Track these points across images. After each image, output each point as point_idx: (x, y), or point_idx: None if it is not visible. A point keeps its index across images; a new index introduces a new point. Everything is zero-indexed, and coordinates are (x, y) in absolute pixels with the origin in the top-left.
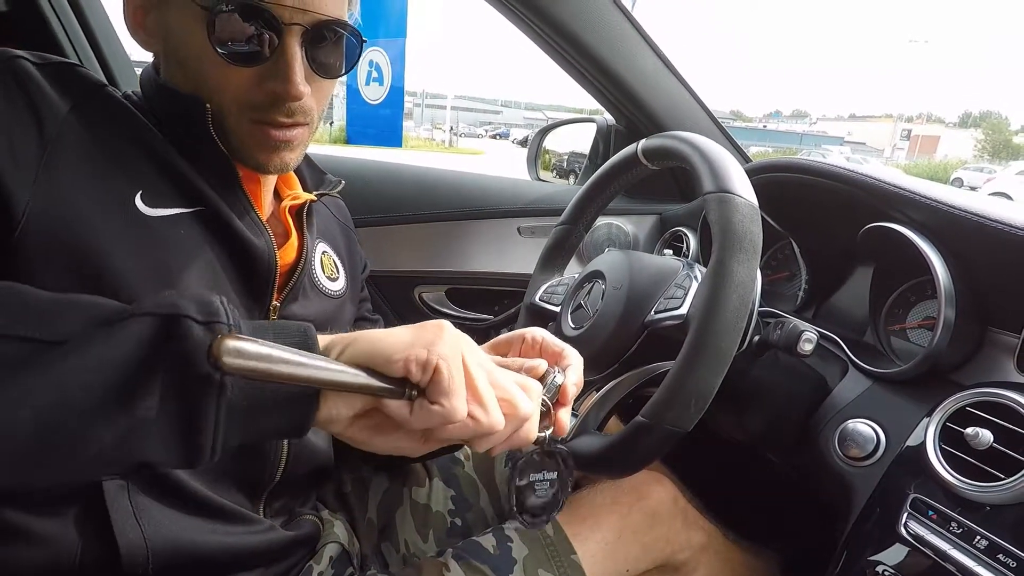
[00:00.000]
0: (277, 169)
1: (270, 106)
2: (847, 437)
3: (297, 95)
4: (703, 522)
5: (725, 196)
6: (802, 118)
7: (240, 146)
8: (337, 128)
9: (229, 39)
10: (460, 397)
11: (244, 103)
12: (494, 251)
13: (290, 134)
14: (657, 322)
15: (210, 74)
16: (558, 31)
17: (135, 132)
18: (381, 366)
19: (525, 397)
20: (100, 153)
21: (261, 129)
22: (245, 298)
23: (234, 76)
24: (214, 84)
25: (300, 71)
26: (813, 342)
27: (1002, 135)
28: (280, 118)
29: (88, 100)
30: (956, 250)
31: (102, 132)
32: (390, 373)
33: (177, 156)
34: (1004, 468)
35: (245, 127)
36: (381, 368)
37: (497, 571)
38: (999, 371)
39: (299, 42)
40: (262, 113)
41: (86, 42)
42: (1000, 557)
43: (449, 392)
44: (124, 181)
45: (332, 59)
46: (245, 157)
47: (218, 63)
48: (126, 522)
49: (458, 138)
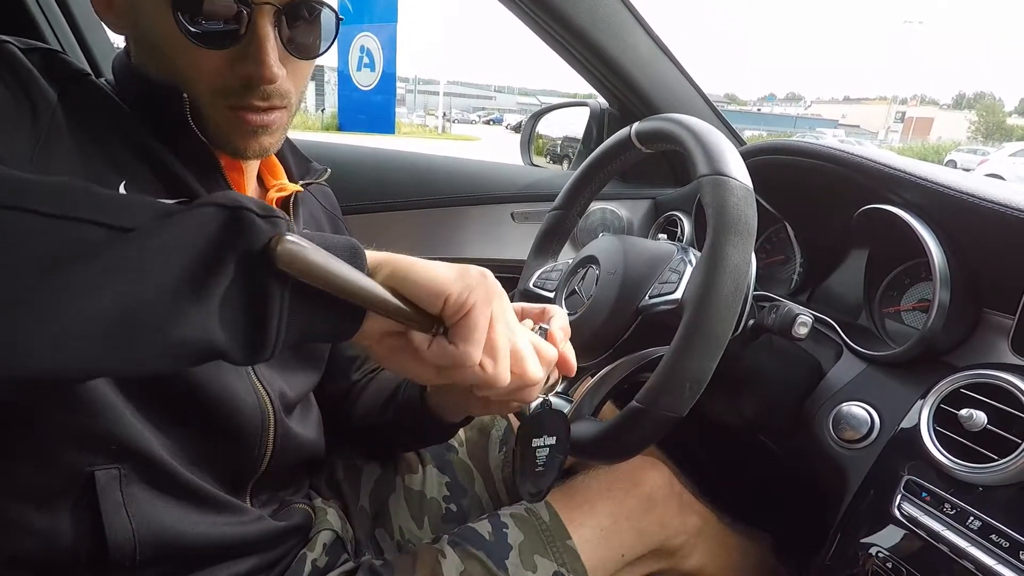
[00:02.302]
0: (256, 154)
1: (244, 90)
2: (841, 420)
3: (271, 78)
4: (698, 506)
5: (720, 179)
6: (797, 101)
7: (217, 133)
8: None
9: (198, 20)
10: (478, 346)
11: (218, 89)
12: (488, 237)
13: (267, 118)
14: (652, 307)
15: (181, 58)
16: (551, 14)
17: (117, 121)
18: (421, 298)
19: (536, 362)
20: (87, 143)
21: (237, 115)
22: None
23: (205, 60)
24: (185, 69)
25: (274, 52)
26: (808, 325)
27: (996, 117)
28: (256, 102)
29: (73, 88)
30: (951, 231)
31: (87, 121)
32: (425, 307)
33: (158, 145)
34: (998, 449)
35: (221, 114)
36: (420, 299)
37: (493, 556)
38: (993, 352)
39: (271, 21)
40: (237, 99)
41: (67, 28)
42: (993, 537)
43: (468, 339)
44: (109, 171)
45: (308, 38)
46: (223, 144)
47: (188, 46)
48: (115, 514)
49: (451, 124)
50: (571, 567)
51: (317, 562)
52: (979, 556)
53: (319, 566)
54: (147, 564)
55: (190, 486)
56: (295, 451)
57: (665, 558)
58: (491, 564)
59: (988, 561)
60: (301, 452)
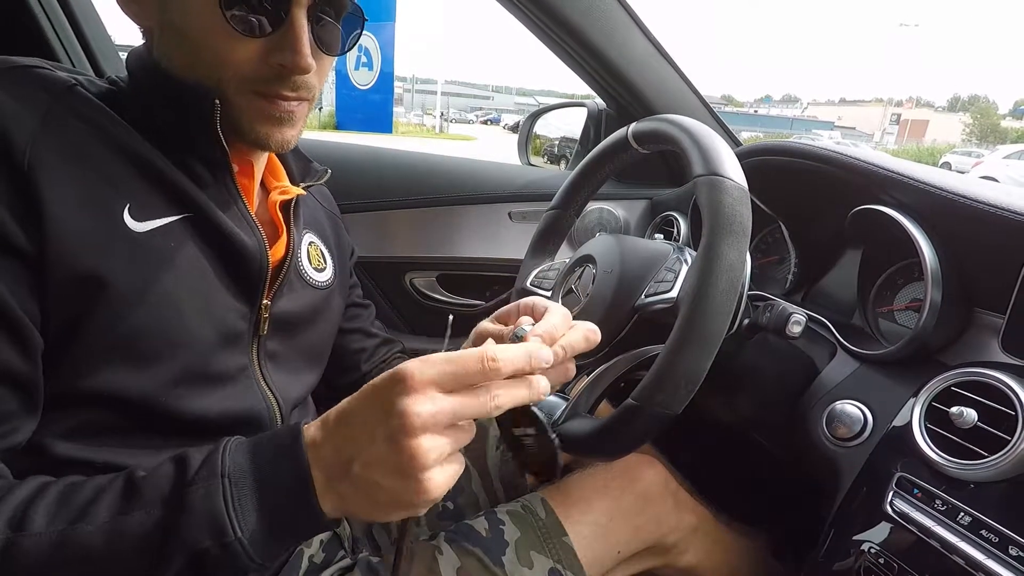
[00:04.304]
0: (278, 146)
1: (276, 80)
2: (835, 418)
3: (306, 67)
4: (693, 504)
5: (715, 179)
6: (793, 103)
7: (240, 119)
8: (327, 114)
9: (238, 6)
10: (434, 471)
11: (247, 77)
12: (485, 236)
13: (294, 107)
14: (647, 306)
15: (214, 46)
16: (549, 14)
17: (114, 136)
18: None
19: (537, 381)
20: (81, 169)
21: (266, 101)
22: (237, 301)
23: (239, 49)
24: (217, 57)
25: (308, 43)
26: (802, 324)
27: (990, 119)
28: (285, 91)
29: (58, 107)
30: (943, 232)
31: (79, 143)
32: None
33: (161, 158)
34: (988, 446)
35: (249, 101)
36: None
37: (489, 553)
38: (984, 351)
39: (307, 14)
40: (266, 87)
41: (68, 26)
42: (983, 533)
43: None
44: (110, 195)
45: (334, 36)
46: (246, 131)
47: (224, 34)
48: None
49: (449, 124)
50: (567, 564)
51: (314, 558)
52: (969, 551)
53: (316, 562)
54: None
55: None
56: None
57: (661, 555)
58: (488, 561)
59: (978, 556)
60: None
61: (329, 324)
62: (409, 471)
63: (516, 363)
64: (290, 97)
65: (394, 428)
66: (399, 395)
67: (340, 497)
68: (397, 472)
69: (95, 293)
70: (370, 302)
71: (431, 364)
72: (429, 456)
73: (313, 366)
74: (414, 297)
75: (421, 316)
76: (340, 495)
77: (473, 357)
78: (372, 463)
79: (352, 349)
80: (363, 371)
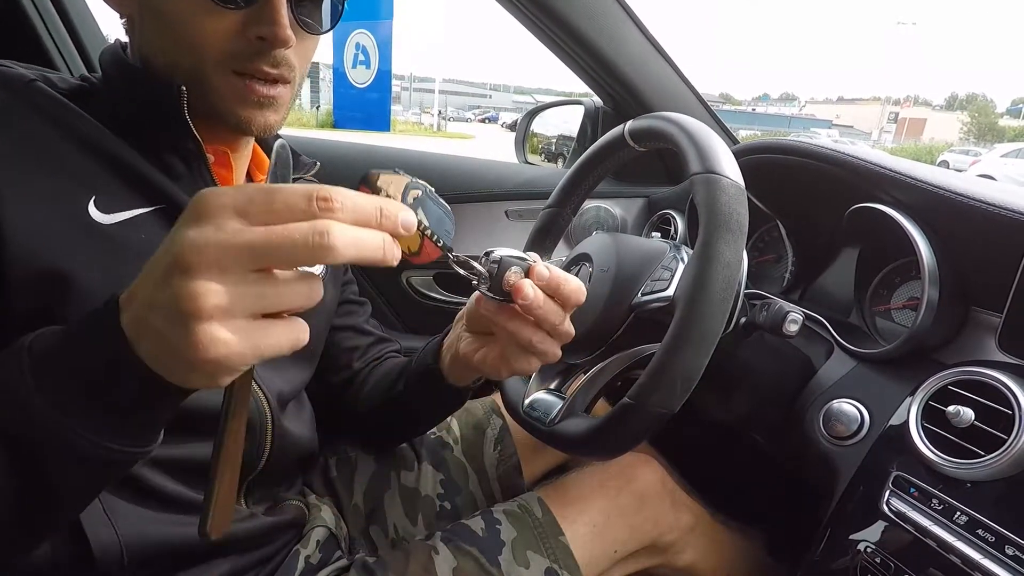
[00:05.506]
0: (260, 130)
1: (255, 54)
2: (832, 417)
3: (285, 39)
4: (690, 503)
5: (712, 177)
6: (791, 101)
7: (219, 102)
8: (324, 112)
9: None
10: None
11: (227, 53)
12: (482, 234)
13: (274, 91)
14: (644, 304)
15: (192, 22)
16: (547, 13)
17: (77, 130)
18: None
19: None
20: (41, 163)
21: (243, 82)
22: None
23: (217, 22)
24: (196, 33)
25: (287, 15)
26: (798, 323)
27: (988, 118)
28: (265, 67)
29: (15, 103)
30: (940, 230)
31: (38, 138)
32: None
33: (129, 151)
34: (984, 445)
35: (227, 82)
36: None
37: (486, 553)
38: (981, 350)
39: None
40: (245, 62)
41: (61, 26)
42: (979, 532)
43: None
44: (74, 188)
45: (315, 15)
46: (225, 114)
47: (202, 9)
48: (97, 521)
49: (446, 122)
50: (564, 563)
51: (311, 558)
52: (965, 550)
53: (312, 563)
54: (136, 567)
55: (181, 497)
56: (291, 449)
57: (657, 555)
58: (484, 560)
59: (974, 555)
60: (296, 449)
61: (320, 318)
62: (177, 317)
63: (360, 210)
64: (270, 75)
65: (168, 261)
66: (183, 221)
67: (147, 353)
68: (168, 317)
69: (62, 288)
70: (365, 300)
71: (238, 188)
72: (204, 300)
73: (304, 363)
74: (411, 296)
75: (418, 315)
76: (145, 351)
77: (298, 191)
78: (150, 304)
79: (345, 347)
80: (355, 368)
